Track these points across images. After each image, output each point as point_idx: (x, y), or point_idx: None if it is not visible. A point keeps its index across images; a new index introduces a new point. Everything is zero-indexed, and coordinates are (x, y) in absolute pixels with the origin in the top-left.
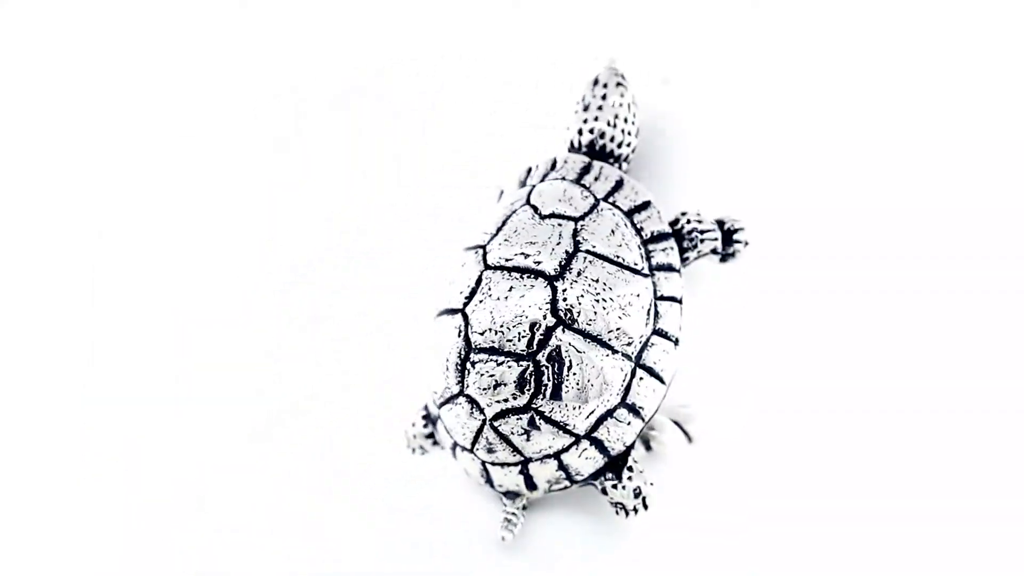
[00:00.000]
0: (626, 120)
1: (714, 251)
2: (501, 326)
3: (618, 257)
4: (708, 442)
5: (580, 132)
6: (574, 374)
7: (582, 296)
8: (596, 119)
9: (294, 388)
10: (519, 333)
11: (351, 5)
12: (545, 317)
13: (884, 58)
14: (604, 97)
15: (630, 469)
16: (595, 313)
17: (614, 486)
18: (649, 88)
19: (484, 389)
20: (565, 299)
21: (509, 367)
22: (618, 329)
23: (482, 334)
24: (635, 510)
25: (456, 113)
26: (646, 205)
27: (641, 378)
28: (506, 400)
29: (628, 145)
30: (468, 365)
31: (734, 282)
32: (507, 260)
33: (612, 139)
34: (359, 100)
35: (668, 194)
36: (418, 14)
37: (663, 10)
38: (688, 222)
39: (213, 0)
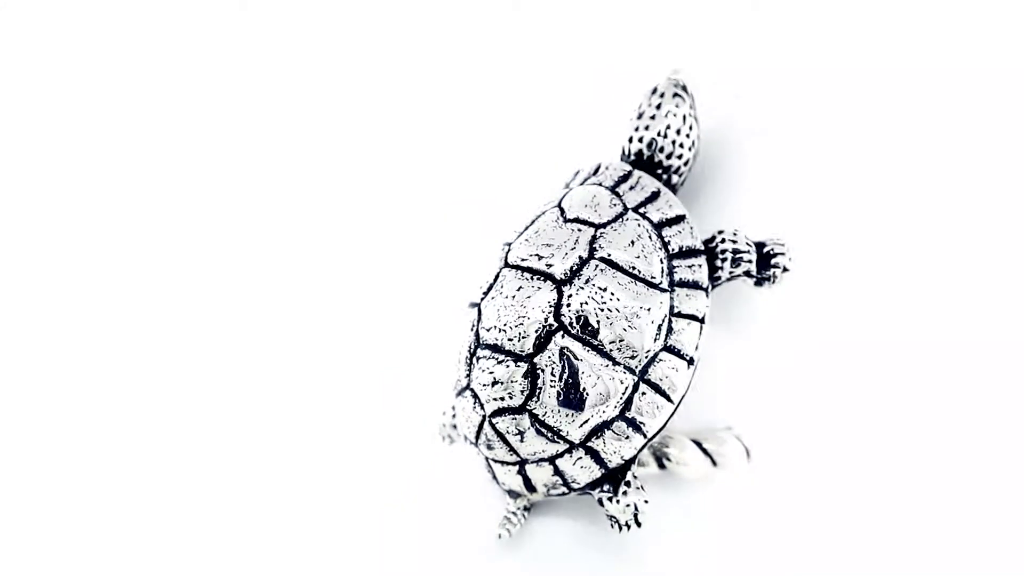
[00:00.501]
0: (679, 132)
1: (747, 273)
2: (504, 325)
3: (633, 268)
4: (735, 467)
5: (630, 140)
6: (570, 381)
7: (586, 303)
8: (647, 128)
9: (293, 388)
10: (519, 333)
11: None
12: (547, 320)
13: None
14: (659, 106)
15: (627, 484)
16: (598, 322)
17: (610, 498)
18: (718, 102)
19: (483, 385)
20: (569, 305)
21: (507, 366)
22: (621, 340)
23: (488, 331)
24: (627, 525)
25: (499, 112)
26: (679, 219)
27: (644, 393)
28: (502, 399)
29: (680, 158)
30: (474, 359)
31: (777, 305)
32: (523, 260)
33: (662, 150)
34: (377, 97)
35: (723, 212)
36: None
37: (739, 22)
38: (723, 240)
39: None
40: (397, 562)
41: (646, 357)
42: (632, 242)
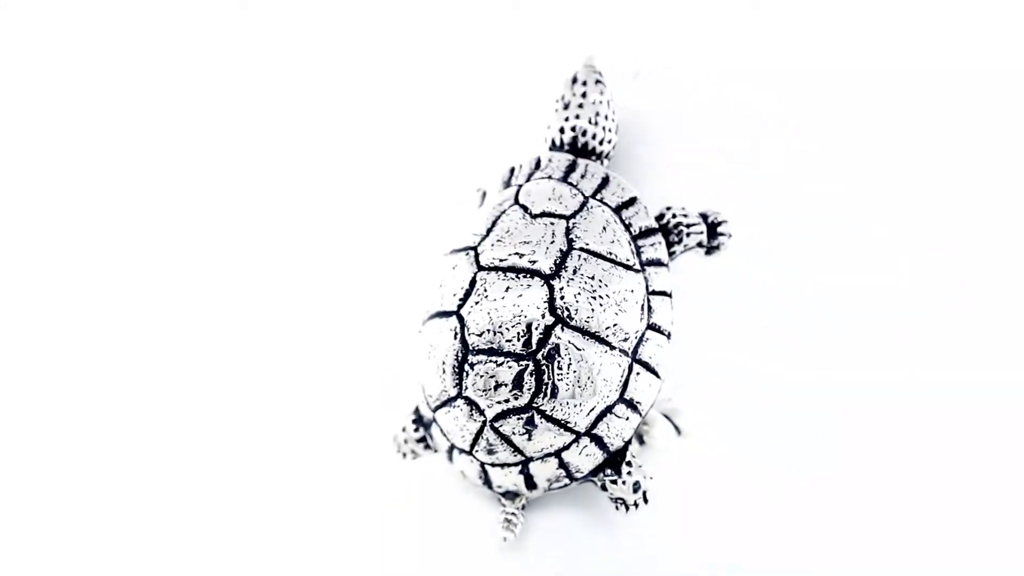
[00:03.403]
0: (606, 117)
1: (700, 244)
2: (500, 327)
3: (611, 254)
4: (696, 434)
5: (562, 130)
6: (573, 371)
7: (579, 294)
8: (578, 117)
9: (293, 391)
10: (518, 333)
11: (329, 8)
12: (544, 316)
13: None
14: (584, 95)
15: (628, 464)
16: (592, 310)
17: (613, 481)
18: (623, 84)
19: (484, 391)
20: (563, 297)
21: (509, 367)
22: (615, 325)
23: (480, 335)
24: (635, 505)
25: (429, 115)
26: (633, 201)
27: (638, 373)
28: (506, 400)
29: (609, 142)
30: (466, 367)
31: (718, 274)
32: (501, 260)
33: (594, 136)
34: (332, 105)
35: (647, 188)
36: (387, 15)
37: (636, 7)
38: (674, 216)
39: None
40: (397, 562)
41: (636, 337)
42: (603, 229)
